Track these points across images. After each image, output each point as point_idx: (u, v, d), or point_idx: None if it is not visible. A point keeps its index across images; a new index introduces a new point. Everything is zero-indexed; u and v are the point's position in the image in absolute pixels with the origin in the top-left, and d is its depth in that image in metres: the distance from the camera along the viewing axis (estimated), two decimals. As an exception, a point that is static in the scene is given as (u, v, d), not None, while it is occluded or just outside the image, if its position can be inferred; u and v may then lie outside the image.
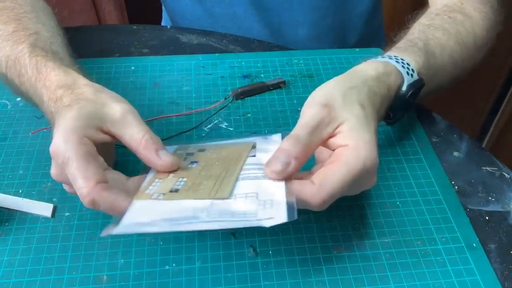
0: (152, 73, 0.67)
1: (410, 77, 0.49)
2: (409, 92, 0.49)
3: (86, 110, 0.43)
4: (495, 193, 0.53)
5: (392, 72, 0.49)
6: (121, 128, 0.43)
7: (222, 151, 0.47)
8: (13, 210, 0.50)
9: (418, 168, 0.55)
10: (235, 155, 0.46)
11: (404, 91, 0.49)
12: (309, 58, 0.70)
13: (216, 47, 0.73)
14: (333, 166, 0.40)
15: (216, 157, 0.46)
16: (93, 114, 0.43)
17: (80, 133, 0.41)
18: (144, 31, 0.75)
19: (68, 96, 0.44)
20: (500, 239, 0.49)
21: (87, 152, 0.41)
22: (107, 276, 0.45)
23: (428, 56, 0.53)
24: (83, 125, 0.42)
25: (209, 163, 0.45)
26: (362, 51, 0.72)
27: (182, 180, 0.43)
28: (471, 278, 0.46)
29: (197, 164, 0.45)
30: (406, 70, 0.49)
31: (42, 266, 0.46)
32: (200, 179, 0.42)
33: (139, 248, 0.47)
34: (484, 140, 1.50)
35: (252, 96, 0.63)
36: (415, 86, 0.49)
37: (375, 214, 0.51)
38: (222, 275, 0.45)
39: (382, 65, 0.49)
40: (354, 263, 0.47)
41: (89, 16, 1.43)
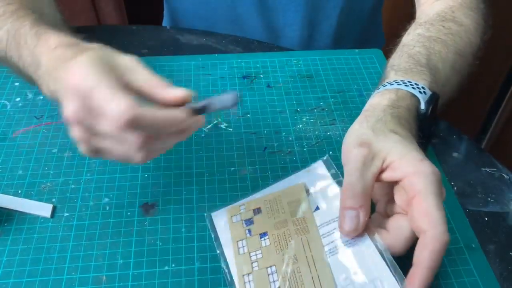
0: (152, 73, 0.67)
1: (424, 95, 0.50)
2: (429, 108, 0.49)
3: (98, 55, 0.41)
4: (494, 194, 0.53)
5: (405, 96, 0.49)
6: (132, 73, 0.41)
7: (278, 208, 0.48)
8: (12, 210, 0.50)
9: (417, 169, 0.55)
10: (298, 214, 0.47)
11: (424, 109, 0.49)
12: (309, 59, 0.70)
13: (215, 47, 0.73)
14: (418, 200, 0.41)
15: (279, 222, 0.47)
16: (105, 58, 0.41)
17: (100, 66, 0.39)
18: (143, 32, 0.75)
19: (71, 50, 0.43)
20: (499, 240, 0.49)
21: (112, 79, 0.38)
22: (106, 276, 0.45)
23: (433, 72, 0.53)
24: (99, 63, 0.40)
25: (280, 235, 0.46)
26: (361, 51, 0.72)
27: (274, 272, 0.44)
28: (470, 279, 0.46)
29: (267, 238, 0.46)
30: (418, 90, 0.50)
31: (41, 266, 0.46)
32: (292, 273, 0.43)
33: (138, 249, 0.47)
34: (484, 141, 1.50)
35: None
36: (431, 101, 0.50)
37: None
38: (221, 275, 0.45)
39: (394, 93, 0.49)
40: (353, 263, 0.47)
41: (88, 16, 1.43)
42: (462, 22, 0.59)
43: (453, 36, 0.57)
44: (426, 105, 0.49)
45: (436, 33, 0.57)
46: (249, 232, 0.47)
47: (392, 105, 0.48)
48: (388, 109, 0.47)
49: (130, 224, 0.49)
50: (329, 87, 0.66)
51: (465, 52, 0.57)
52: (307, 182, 0.50)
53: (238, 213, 0.49)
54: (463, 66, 0.57)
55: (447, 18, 0.60)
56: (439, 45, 0.56)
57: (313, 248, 0.44)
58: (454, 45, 0.57)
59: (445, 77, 0.54)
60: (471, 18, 0.60)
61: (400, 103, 0.48)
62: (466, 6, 0.61)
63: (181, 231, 0.49)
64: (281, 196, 0.49)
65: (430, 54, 0.55)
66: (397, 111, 0.47)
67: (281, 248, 0.45)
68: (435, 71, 0.53)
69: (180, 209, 0.51)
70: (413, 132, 0.48)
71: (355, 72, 0.68)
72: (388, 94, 0.49)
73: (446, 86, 0.55)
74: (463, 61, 0.57)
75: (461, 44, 0.57)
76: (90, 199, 0.51)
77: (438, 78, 0.53)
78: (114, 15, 1.47)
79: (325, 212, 0.47)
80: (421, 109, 0.49)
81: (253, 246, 0.46)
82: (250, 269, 0.44)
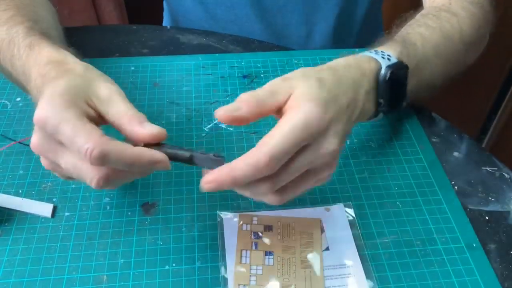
0: (152, 73, 0.67)
1: (387, 61, 0.49)
2: (387, 73, 0.48)
3: (75, 82, 0.41)
4: (495, 193, 0.53)
5: (364, 59, 0.49)
6: (108, 105, 0.41)
7: (289, 234, 0.48)
8: (13, 210, 0.50)
9: (418, 168, 0.55)
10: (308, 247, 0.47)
11: (383, 73, 0.49)
12: (309, 58, 0.70)
13: (216, 47, 0.73)
14: (276, 128, 0.40)
15: (287, 247, 0.47)
16: (81, 87, 0.41)
17: (71, 98, 0.39)
18: (144, 31, 0.75)
19: (56, 69, 0.43)
20: (500, 239, 0.49)
21: (82, 113, 0.38)
22: (107, 276, 0.45)
23: (407, 45, 0.53)
24: (73, 93, 0.40)
25: (285, 260, 0.46)
26: (361, 51, 0.71)
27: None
28: (471, 278, 0.46)
29: (272, 258, 0.46)
30: (381, 56, 0.50)
31: (42, 266, 0.46)
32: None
33: (139, 248, 0.47)
34: (484, 140, 1.50)
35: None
36: (394, 67, 0.49)
37: (374, 214, 0.51)
38: (221, 275, 0.45)
39: (353, 55, 0.49)
40: (354, 263, 0.47)
41: (89, 15, 1.43)
42: (456, 12, 0.60)
43: (441, 21, 0.58)
44: (387, 69, 0.49)
45: (423, 19, 0.58)
46: (255, 245, 0.47)
47: (345, 64, 0.47)
48: (336, 66, 0.47)
49: (131, 223, 0.49)
50: (330, 87, 0.66)
51: (452, 36, 0.57)
52: (323, 220, 0.50)
53: (249, 223, 0.49)
54: (450, 50, 0.57)
55: (441, 8, 0.60)
56: (421, 28, 0.56)
57: (314, 286, 0.44)
58: (440, 28, 0.57)
59: (424, 55, 0.54)
60: (467, 10, 0.60)
61: (355, 65, 0.48)
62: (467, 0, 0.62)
63: (182, 231, 0.49)
64: (295, 224, 0.49)
65: (409, 33, 0.55)
66: (347, 70, 0.46)
67: (283, 273, 0.45)
68: (410, 47, 0.53)
69: (180, 208, 0.51)
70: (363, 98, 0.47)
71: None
72: (347, 56, 0.49)
73: (423, 64, 0.54)
74: (449, 44, 0.57)
75: (448, 28, 0.57)
76: (91, 198, 0.51)
77: (412, 52, 0.53)
78: (114, 14, 1.47)
79: (334, 256, 0.47)
80: (380, 73, 0.49)
81: (255, 260, 0.46)
82: (247, 281, 0.44)
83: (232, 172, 0.38)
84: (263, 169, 0.38)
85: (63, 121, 0.37)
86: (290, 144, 0.38)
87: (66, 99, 0.39)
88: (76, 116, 0.38)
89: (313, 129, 0.40)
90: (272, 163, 0.38)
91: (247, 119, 0.41)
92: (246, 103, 0.41)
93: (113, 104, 0.41)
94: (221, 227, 0.49)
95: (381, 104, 0.49)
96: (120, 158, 0.37)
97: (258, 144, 0.39)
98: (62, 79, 0.41)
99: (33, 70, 0.45)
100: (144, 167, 0.39)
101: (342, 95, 0.44)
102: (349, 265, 0.46)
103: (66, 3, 1.33)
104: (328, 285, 0.45)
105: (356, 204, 0.52)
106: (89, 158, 0.36)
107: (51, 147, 0.39)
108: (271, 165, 0.38)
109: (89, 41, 0.72)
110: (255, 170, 0.38)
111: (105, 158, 0.36)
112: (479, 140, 1.50)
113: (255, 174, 0.38)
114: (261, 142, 0.39)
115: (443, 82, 0.59)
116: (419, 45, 0.54)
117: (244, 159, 0.38)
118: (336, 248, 0.48)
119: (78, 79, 0.41)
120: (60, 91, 0.39)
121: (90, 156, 0.36)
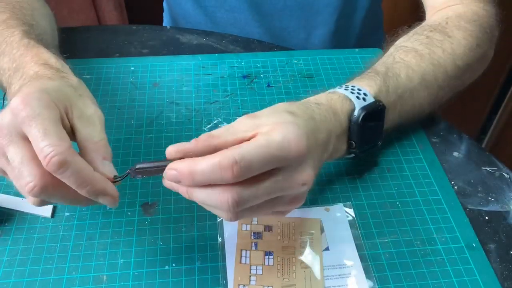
0: (152, 73, 0.67)
1: (362, 101, 0.48)
2: (360, 116, 0.47)
3: (66, 90, 0.40)
4: (494, 193, 0.53)
5: (337, 98, 0.48)
6: (85, 124, 0.40)
7: (289, 234, 0.48)
8: (13, 210, 0.50)
9: (417, 168, 0.55)
10: (308, 247, 0.47)
11: (356, 115, 0.47)
12: (309, 58, 0.70)
13: (215, 47, 0.73)
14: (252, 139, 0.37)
15: (287, 247, 0.47)
16: (69, 96, 0.40)
17: (56, 101, 0.38)
18: (143, 31, 0.75)
19: (52, 72, 0.43)
20: (499, 239, 0.49)
21: (58, 117, 0.37)
22: (107, 276, 0.45)
23: (388, 79, 0.51)
24: (59, 98, 0.39)
25: (285, 260, 0.46)
26: (361, 51, 0.72)
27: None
28: (471, 278, 0.46)
29: (272, 258, 0.46)
30: (356, 95, 0.48)
31: (42, 266, 0.46)
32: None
33: (138, 248, 0.47)
34: (484, 140, 1.51)
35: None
36: (368, 108, 0.48)
37: (374, 214, 0.51)
38: (221, 275, 0.45)
39: (325, 94, 0.48)
40: (354, 263, 0.47)
41: (88, 15, 1.43)
42: (450, 33, 0.57)
43: (432, 46, 0.55)
44: (360, 110, 0.47)
45: (412, 43, 0.56)
46: (255, 245, 0.47)
47: (316, 103, 0.46)
48: (308, 103, 0.45)
49: (131, 223, 0.49)
50: (330, 87, 0.65)
51: (444, 63, 0.55)
52: (323, 220, 0.50)
53: (249, 223, 0.49)
54: (440, 76, 0.55)
55: (435, 28, 0.58)
56: (410, 55, 0.54)
57: (313, 286, 0.44)
58: (430, 55, 0.55)
59: (408, 87, 0.52)
60: (464, 30, 0.58)
61: (326, 103, 0.47)
62: (465, 18, 0.59)
63: (182, 231, 0.49)
64: (295, 224, 0.49)
65: (395, 63, 0.53)
66: (317, 108, 0.45)
67: (283, 273, 0.45)
68: (392, 80, 0.52)
69: (180, 208, 0.51)
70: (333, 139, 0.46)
71: (356, 71, 0.68)
72: (320, 94, 0.48)
73: (408, 94, 0.53)
74: (439, 71, 0.55)
75: (439, 55, 0.55)
76: (91, 198, 0.51)
77: (393, 86, 0.51)
78: (114, 14, 1.47)
79: (334, 255, 0.47)
80: (353, 114, 0.48)
81: (255, 260, 0.46)
82: (248, 281, 0.44)
83: (192, 165, 0.36)
84: (225, 172, 0.35)
85: (40, 117, 0.36)
86: (262, 157, 0.36)
87: (50, 99, 0.38)
88: (55, 118, 0.37)
89: (291, 150, 0.37)
90: (236, 169, 0.35)
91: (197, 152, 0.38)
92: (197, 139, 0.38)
93: (90, 125, 0.40)
94: (221, 227, 0.49)
95: (353, 145, 0.49)
96: (76, 173, 0.36)
97: (229, 147, 0.36)
98: (55, 82, 0.41)
99: (28, 65, 0.44)
100: (92, 192, 0.37)
101: (316, 131, 0.42)
102: (349, 265, 0.46)
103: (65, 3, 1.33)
104: (328, 285, 0.45)
105: (356, 204, 0.52)
106: (48, 162, 0.35)
107: (9, 134, 0.37)
108: (235, 171, 0.35)
109: (89, 41, 0.72)
110: (217, 171, 0.35)
111: (63, 166, 0.35)
112: (479, 140, 1.50)
113: (216, 175, 0.35)
114: (232, 146, 0.36)
115: (434, 108, 0.58)
116: (403, 76, 0.52)
117: (209, 157, 0.36)
118: (336, 248, 0.48)
119: (69, 88, 0.41)
120: (49, 90, 0.39)
121: (50, 160, 0.34)
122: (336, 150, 0.48)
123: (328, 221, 0.50)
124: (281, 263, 0.46)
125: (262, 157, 0.36)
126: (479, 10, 0.61)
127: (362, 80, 0.51)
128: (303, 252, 0.47)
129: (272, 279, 0.45)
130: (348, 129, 0.48)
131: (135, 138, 0.58)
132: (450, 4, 0.62)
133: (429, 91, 0.55)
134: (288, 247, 0.47)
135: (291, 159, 0.38)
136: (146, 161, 0.39)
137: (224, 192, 0.36)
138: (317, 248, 0.47)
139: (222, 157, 0.35)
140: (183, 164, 0.36)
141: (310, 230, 0.49)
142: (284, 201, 0.40)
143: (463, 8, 0.61)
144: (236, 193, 0.36)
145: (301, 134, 0.38)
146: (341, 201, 0.52)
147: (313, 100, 0.47)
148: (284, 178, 0.38)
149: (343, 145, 0.49)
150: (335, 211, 0.51)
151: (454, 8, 0.62)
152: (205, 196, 0.37)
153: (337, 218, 0.50)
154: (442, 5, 0.63)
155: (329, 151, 0.46)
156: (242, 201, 0.37)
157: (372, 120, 0.48)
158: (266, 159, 0.36)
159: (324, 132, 0.44)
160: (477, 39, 0.58)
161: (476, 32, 0.58)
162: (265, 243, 0.47)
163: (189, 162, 0.36)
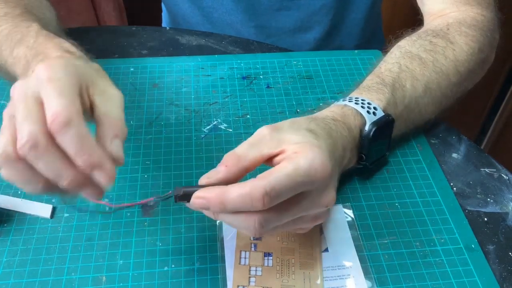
0: (151, 74, 0.67)
1: (372, 116, 0.49)
2: (371, 131, 0.48)
3: (89, 68, 0.41)
4: (493, 194, 0.53)
5: (350, 113, 0.49)
6: (105, 101, 0.39)
7: (288, 235, 0.48)
8: (12, 211, 0.50)
9: (416, 170, 0.55)
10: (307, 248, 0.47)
11: (367, 130, 0.49)
12: (308, 60, 0.70)
13: (215, 48, 0.73)
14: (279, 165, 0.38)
15: (287, 248, 0.47)
16: (92, 74, 0.40)
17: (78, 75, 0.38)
18: (143, 32, 0.75)
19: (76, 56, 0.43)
20: (498, 240, 0.49)
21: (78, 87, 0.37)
22: (106, 277, 0.45)
23: (396, 90, 0.52)
24: (82, 72, 0.39)
25: (284, 261, 0.46)
26: (361, 52, 0.72)
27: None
28: (470, 279, 0.46)
29: (271, 259, 0.46)
30: (367, 110, 0.49)
31: (41, 267, 0.46)
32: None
33: (138, 249, 0.47)
34: (483, 141, 1.51)
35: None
36: (379, 123, 0.49)
37: (373, 215, 0.51)
38: (220, 276, 0.45)
39: (339, 108, 0.49)
40: (353, 264, 0.47)
41: (88, 16, 1.43)
42: (452, 39, 0.57)
43: (435, 54, 0.56)
44: (370, 126, 0.48)
45: (417, 48, 0.56)
46: (254, 246, 0.47)
47: (332, 118, 0.47)
48: (325, 119, 0.46)
49: (130, 224, 0.49)
50: (329, 88, 0.66)
51: (447, 70, 0.55)
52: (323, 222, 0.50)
53: None
54: (444, 84, 0.55)
55: (438, 34, 0.58)
56: (414, 63, 0.55)
57: (313, 287, 0.44)
58: (433, 63, 0.55)
59: (414, 95, 0.53)
60: (465, 35, 0.58)
61: (341, 119, 0.48)
62: (465, 24, 0.59)
63: (181, 232, 0.49)
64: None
65: (401, 72, 0.54)
66: (333, 124, 0.46)
67: (282, 274, 0.45)
68: (399, 91, 0.52)
69: (180, 209, 0.51)
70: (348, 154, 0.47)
71: (355, 73, 0.68)
72: (333, 108, 0.49)
73: (414, 105, 0.53)
74: (443, 79, 0.55)
75: (442, 62, 0.55)
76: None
77: (400, 97, 0.52)
78: (113, 15, 1.47)
79: (333, 257, 0.47)
80: (364, 129, 0.49)
81: (255, 261, 0.46)
82: (247, 282, 0.44)
83: (223, 195, 0.37)
84: (256, 202, 0.36)
85: (59, 81, 0.36)
86: (290, 185, 0.37)
87: (75, 71, 0.38)
88: (74, 86, 0.37)
89: (317, 176, 0.38)
90: (266, 199, 0.36)
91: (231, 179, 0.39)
92: (225, 164, 0.39)
93: (109, 103, 0.39)
94: (220, 228, 0.49)
95: (363, 158, 0.50)
96: (78, 137, 0.35)
97: (258, 176, 0.37)
98: (80, 61, 0.41)
99: (49, 51, 0.43)
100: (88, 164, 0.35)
101: (334, 149, 0.44)
102: (348, 266, 0.46)
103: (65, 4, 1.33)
104: (327, 286, 0.45)
105: (355, 205, 0.52)
106: (53, 119, 0.34)
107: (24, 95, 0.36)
108: (265, 201, 0.36)
109: (88, 42, 0.72)
110: (248, 201, 0.36)
111: (66, 126, 0.34)
112: (479, 140, 1.50)
113: (246, 205, 0.36)
114: (261, 175, 0.37)
115: (437, 115, 0.58)
116: (408, 86, 0.53)
117: (239, 187, 0.37)
118: (335, 249, 0.48)
119: (92, 69, 0.41)
120: (73, 64, 0.39)
121: (56, 117, 0.34)
122: (348, 163, 0.49)
123: (327, 222, 0.50)
124: (281, 264, 0.46)
125: (290, 187, 0.37)
126: (477, 16, 0.61)
127: (371, 92, 0.52)
128: (302, 253, 0.47)
129: (271, 280, 0.45)
130: (359, 143, 0.49)
131: (134, 139, 0.58)
132: (446, 12, 0.63)
133: (433, 99, 0.55)
134: (287, 248, 0.47)
135: (317, 184, 0.39)
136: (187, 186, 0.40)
137: (251, 216, 0.38)
138: (317, 249, 0.47)
139: (252, 188, 0.36)
140: (213, 194, 0.37)
141: (309, 231, 0.49)
142: (307, 219, 0.42)
143: (460, 14, 0.61)
144: (262, 217, 0.38)
145: (326, 159, 0.39)
146: (340, 202, 0.52)
147: (330, 115, 0.48)
148: (309, 201, 0.40)
149: (354, 158, 0.50)
150: (334, 212, 0.51)
151: (451, 15, 0.62)
152: (232, 219, 0.39)
153: (336, 219, 0.50)
154: (439, 12, 0.63)
155: (343, 165, 0.48)
156: (267, 224, 0.38)
157: (382, 132, 0.50)
158: (294, 188, 0.38)
159: (341, 148, 0.46)
160: (479, 43, 0.58)
161: (477, 36, 0.59)
162: (265, 244, 0.47)
163: (219, 191, 0.37)
